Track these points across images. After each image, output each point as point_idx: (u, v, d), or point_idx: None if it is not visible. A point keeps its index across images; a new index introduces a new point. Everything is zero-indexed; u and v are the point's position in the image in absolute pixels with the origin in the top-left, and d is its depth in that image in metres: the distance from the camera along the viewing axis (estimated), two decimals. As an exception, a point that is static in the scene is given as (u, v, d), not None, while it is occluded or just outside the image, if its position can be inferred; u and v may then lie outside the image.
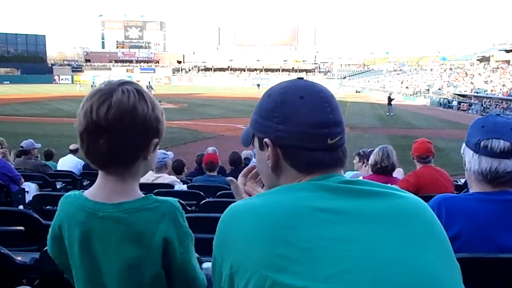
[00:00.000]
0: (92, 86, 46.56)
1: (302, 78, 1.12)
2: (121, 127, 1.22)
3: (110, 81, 1.31)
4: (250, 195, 1.32)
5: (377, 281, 0.84)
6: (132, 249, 1.26)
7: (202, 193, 4.47)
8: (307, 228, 0.89)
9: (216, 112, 30.71)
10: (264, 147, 1.08)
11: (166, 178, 5.34)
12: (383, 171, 4.36)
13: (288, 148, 1.04)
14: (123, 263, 1.26)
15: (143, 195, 1.34)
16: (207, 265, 1.72)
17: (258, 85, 59.28)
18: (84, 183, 7.32)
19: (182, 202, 3.59)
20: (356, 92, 66.09)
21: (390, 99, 32.65)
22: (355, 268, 0.85)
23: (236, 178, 1.46)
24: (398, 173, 5.07)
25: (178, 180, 5.55)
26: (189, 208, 3.88)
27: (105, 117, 1.21)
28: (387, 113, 31.40)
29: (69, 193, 1.36)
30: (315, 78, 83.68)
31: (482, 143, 1.68)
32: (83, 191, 1.35)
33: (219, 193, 4.64)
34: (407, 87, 60.45)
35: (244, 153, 8.46)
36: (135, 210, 1.28)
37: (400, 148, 10.58)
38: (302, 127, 1.02)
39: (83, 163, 8.75)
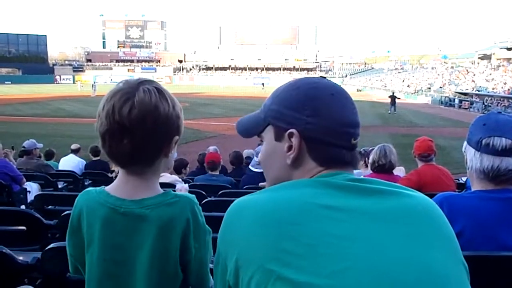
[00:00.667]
0: (92, 86, 46.63)
1: (325, 78, 1.14)
2: (144, 127, 1.23)
3: (129, 80, 1.31)
4: None
5: (381, 279, 0.84)
6: (153, 244, 1.27)
7: (203, 192, 4.47)
8: (312, 224, 0.89)
9: (218, 111, 30.72)
10: (282, 138, 1.08)
11: (167, 177, 5.34)
12: (381, 169, 4.37)
13: (314, 141, 1.05)
14: (145, 258, 1.27)
15: (163, 191, 1.35)
16: None
17: (263, 84, 59.04)
18: (86, 183, 7.34)
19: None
20: (358, 90, 66.08)
21: (393, 98, 32.48)
22: (360, 265, 0.85)
23: (238, 177, 1.47)
24: (400, 171, 5.08)
25: (180, 179, 5.55)
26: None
27: (128, 118, 1.22)
28: (389, 112, 31.37)
29: (90, 188, 1.38)
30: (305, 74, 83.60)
31: (483, 141, 1.68)
32: (104, 187, 1.35)
33: (220, 192, 4.64)
34: (408, 86, 60.43)
35: (246, 152, 8.46)
36: (156, 206, 1.29)
37: (402, 146, 10.58)
38: (332, 123, 1.04)
39: (84, 162, 8.77)
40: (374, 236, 0.89)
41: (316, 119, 1.04)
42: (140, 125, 1.22)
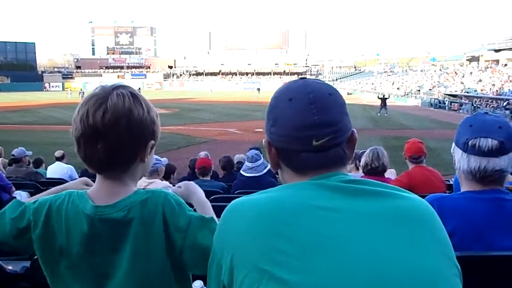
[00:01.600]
0: (79, 93, 46.36)
1: (305, 78, 1.12)
2: (117, 131, 1.23)
3: (104, 85, 1.32)
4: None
5: (374, 279, 0.84)
6: (133, 246, 1.26)
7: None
8: (306, 224, 0.90)
9: (208, 116, 30.67)
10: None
11: (158, 183, 5.31)
12: (373, 172, 4.38)
13: (280, 150, 1.06)
14: (125, 261, 1.26)
15: (135, 190, 1.35)
16: (198, 283, 1.74)
17: (258, 89, 58.73)
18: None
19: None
20: (348, 94, 66.26)
21: (383, 100, 32.70)
22: (353, 265, 0.85)
23: (229, 182, 1.49)
24: (391, 173, 5.09)
25: (171, 185, 5.53)
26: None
27: (101, 122, 1.22)
28: (378, 114, 31.51)
29: (73, 191, 1.36)
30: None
31: (470, 142, 1.69)
32: (86, 191, 1.35)
33: (212, 197, 4.62)
34: (398, 88, 60.78)
35: (237, 157, 8.44)
36: (130, 207, 1.28)
37: (393, 148, 10.62)
38: (286, 129, 1.04)
39: (73, 168, 8.68)
40: (368, 237, 0.89)
41: (275, 128, 1.06)
42: (114, 129, 1.22)
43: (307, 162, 1.03)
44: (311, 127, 1.02)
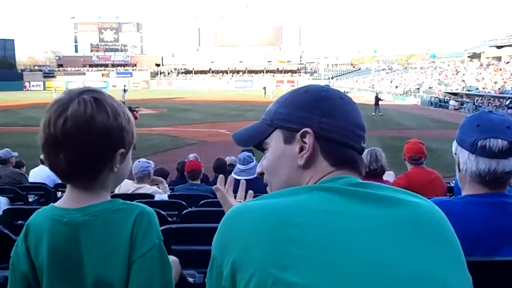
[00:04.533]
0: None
1: (329, 86, 1.22)
2: (79, 140, 1.23)
3: (72, 89, 1.31)
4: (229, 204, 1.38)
5: (381, 285, 0.86)
6: (97, 256, 1.26)
7: (184, 202, 4.45)
8: (313, 227, 0.91)
9: (197, 117, 30.67)
10: (292, 140, 1.12)
11: (148, 188, 5.32)
12: (372, 174, 4.39)
13: (328, 141, 1.09)
14: (91, 269, 1.26)
15: (110, 199, 1.35)
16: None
17: (265, 88, 58.21)
18: (59, 195, 7.24)
19: (163, 213, 3.58)
20: (344, 92, 66.52)
21: (377, 99, 33.04)
22: (360, 271, 0.87)
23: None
24: (389, 176, 5.12)
25: (160, 190, 5.53)
26: (170, 219, 3.86)
27: (62, 130, 1.22)
28: (373, 113, 31.71)
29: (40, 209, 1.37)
30: (301, 79, 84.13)
31: (479, 143, 1.67)
32: (53, 204, 1.36)
33: (202, 202, 4.61)
34: (396, 87, 61.09)
35: (228, 159, 8.45)
36: (101, 213, 1.29)
37: (391, 149, 10.68)
38: (345, 123, 1.11)
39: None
40: (377, 243, 0.91)
41: (330, 119, 1.10)
42: (75, 139, 1.22)
43: (353, 159, 1.11)
44: (362, 128, 1.14)
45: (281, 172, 1.14)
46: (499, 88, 41.55)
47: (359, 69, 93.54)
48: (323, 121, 1.09)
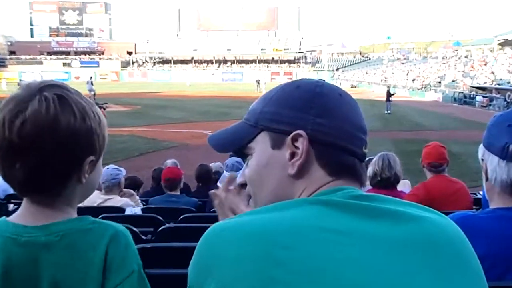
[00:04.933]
0: (18, 84, 45.87)
1: (324, 80, 1.20)
2: (39, 147, 1.20)
3: (31, 83, 1.27)
4: (234, 214, 1.35)
5: None
6: (64, 282, 1.24)
7: (160, 217, 4.44)
8: (306, 249, 0.90)
9: (178, 115, 30.63)
10: (282, 144, 1.10)
11: (117, 200, 5.30)
12: (384, 184, 4.39)
13: (324, 145, 1.08)
14: None
15: (76, 216, 1.33)
16: None
17: (258, 81, 57.98)
18: (10, 208, 7.19)
19: (135, 229, 3.57)
20: (352, 87, 66.72)
21: (388, 94, 33.11)
22: None
23: (205, 197, 1.48)
24: (404, 185, 5.13)
25: (132, 203, 5.51)
26: (144, 237, 3.85)
27: (18, 135, 1.19)
28: (386, 111, 31.84)
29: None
30: (301, 71, 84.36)
31: (511, 147, 1.64)
32: (5, 217, 1.32)
33: (182, 216, 4.61)
34: (413, 80, 61.35)
35: (214, 166, 8.43)
36: (66, 233, 1.26)
37: (406, 154, 10.71)
38: (344, 124, 1.10)
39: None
40: (382, 268, 0.90)
41: (326, 119, 1.09)
42: (35, 144, 1.20)
43: (353, 167, 1.11)
44: (364, 131, 1.14)
45: (267, 183, 1.13)
46: (535, 82, 41.77)
47: (370, 58, 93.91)
48: (318, 122, 1.08)
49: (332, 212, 0.96)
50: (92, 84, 41.05)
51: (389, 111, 32.02)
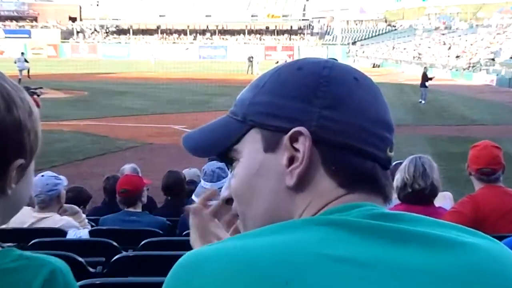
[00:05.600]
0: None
1: (337, 60, 1.18)
2: None
3: None
4: (217, 238, 1.35)
5: None
6: None
7: (114, 243, 4.44)
8: (314, 284, 0.89)
9: (139, 104, 30.63)
10: (277, 146, 1.08)
11: (56, 220, 5.28)
12: (417, 197, 4.39)
13: (334, 146, 1.06)
14: None
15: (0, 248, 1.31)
16: None
17: (250, 58, 57.24)
18: None
19: (80, 259, 3.57)
20: (374, 66, 66.90)
21: (425, 78, 33.00)
22: None
23: (175, 216, 1.47)
24: (444, 199, 5.13)
25: (77, 223, 5.50)
26: (93, 270, 3.85)
27: None
28: (420, 100, 32.01)
29: None
30: (305, 45, 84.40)
31: None
32: None
33: (144, 242, 4.62)
34: (457, 57, 61.49)
35: (188, 173, 8.43)
36: None
37: (447, 158, 10.70)
38: (361, 117, 1.07)
39: None
40: None
41: (336, 112, 1.06)
42: None
43: (374, 176, 1.09)
44: (389, 127, 1.12)
45: (259, 197, 1.11)
46: None
47: (397, 28, 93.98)
48: (326, 116, 1.06)
49: (346, 237, 0.95)
50: (26, 61, 41.07)
51: (423, 100, 32.02)
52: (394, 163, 5.34)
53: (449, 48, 66.91)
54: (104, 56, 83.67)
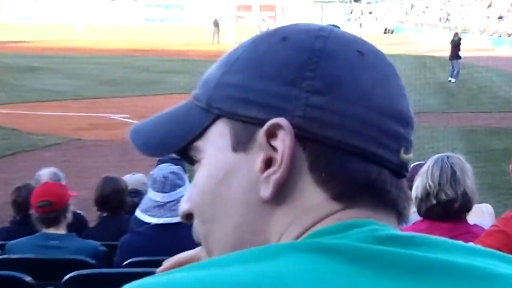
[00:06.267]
0: None
1: (339, 28, 1.15)
2: None
3: None
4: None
5: None
6: None
7: (28, 277, 4.44)
8: None
9: (63, 86, 30.59)
10: (249, 143, 1.06)
11: None
12: (444, 212, 4.40)
13: (326, 145, 1.04)
14: None
15: None
16: None
17: (216, 21, 57.28)
18: None
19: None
20: (386, 32, 67.12)
21: (456, 47, 33.05)
22: None
23: (112, 239, 1.47)
24: (482, 214, 5.18)
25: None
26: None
27: None
28: (450, 78, 32.15)
29: None
30: (292, 3, 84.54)
31: None
32: None
33: (69, 276, 4.62)
34: (500, 17, 61.84)
35: (130, 180, 8.41)
36: None
37: (486, 157, 10.77)
38: (365, 106, 1.05)
39: None
40: None
41: (330, 98, 1.04)
42: None
43: (377, 185, 1.05)
44: (403, 119, 1.09)
45: (225, 213, 1.09)
46: None
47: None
48: (315, 104, 1.03)
49: (342, 268, 0.93)
50: None
51: (454, 78, 32.14)
52: (412, 165, 5.37)
53: (489, 6, 67.34)
54: (10, 19, 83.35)
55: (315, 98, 1.03)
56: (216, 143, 1.10)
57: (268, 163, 1.03)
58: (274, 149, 1.03)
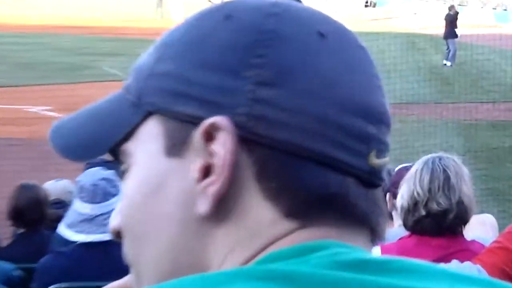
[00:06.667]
0: None
1: (300, 1, 1.14)
2: None
3: None
4: None
5: None
6: None
7: None
8: None
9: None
10: (185, 146, 1.05)
11: None
12: (435, 224, 4.43)
13: (276, 149, 1.03)
14: None
15: None
16: None
17: None
18: None
19: None
20: (367, 5, 67.46)
21: (451, 22, 33.22)
22: None
23: (30, 261, 1.47)
24: (483, 225, 5.21)
25: None
26: None
27: None
28: (444, 60, 32.20)
29: None
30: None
31: None
32: None
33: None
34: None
35: (53, 189, 8.40)
36: None
37: (489, 157, 10.90)
38: (324, 102, 1.04)
39: None
40: None
41: (282, 91, 1.03)
42: None
43: (339, 199, 1.04)
44: (374, 115, 1.07)
45: (156, 232, 1.09)
46: None
47: None
48: (263, 98, 1.03)
49: None
50: None
51: (450, 61, 32.35)
52: (398, 168, 5.40)
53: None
54: None
55: (263, 91, 1.02)
56: (146, 146, 1.10)
57: (206, 171, 1.02)
58: (213, 154, 1.02)
